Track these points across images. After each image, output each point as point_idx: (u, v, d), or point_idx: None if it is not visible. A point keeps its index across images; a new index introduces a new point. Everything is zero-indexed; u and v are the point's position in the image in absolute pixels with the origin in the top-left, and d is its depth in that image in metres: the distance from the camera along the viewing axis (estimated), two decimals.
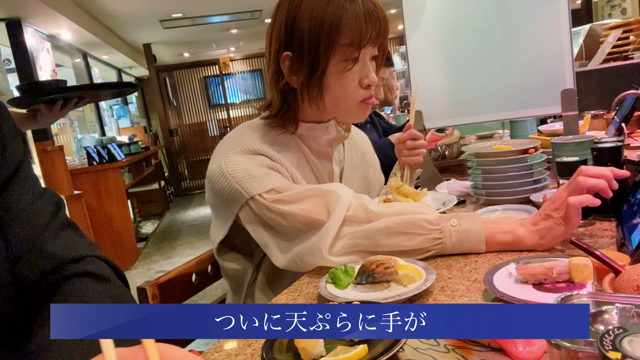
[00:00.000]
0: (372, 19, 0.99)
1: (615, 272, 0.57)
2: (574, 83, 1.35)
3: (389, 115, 4.27)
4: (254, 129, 1.08)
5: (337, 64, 1.01)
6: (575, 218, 0.82)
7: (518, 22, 1.41)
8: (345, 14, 0.97)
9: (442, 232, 0.90)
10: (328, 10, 0.96)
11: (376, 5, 1.00)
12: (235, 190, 0.96)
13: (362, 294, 0.78)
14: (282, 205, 0.94)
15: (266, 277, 1.09)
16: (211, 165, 1.03)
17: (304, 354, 0.59)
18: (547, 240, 0.86)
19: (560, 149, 1.15)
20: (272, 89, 1.08)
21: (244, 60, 10.37)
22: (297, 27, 0.99)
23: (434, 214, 0.93)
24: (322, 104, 1.05)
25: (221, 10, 6.70)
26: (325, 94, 1.04)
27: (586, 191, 0.82)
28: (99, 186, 4.75)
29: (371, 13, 0.99)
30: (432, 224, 0.91)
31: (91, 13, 5.88)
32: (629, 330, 0.35)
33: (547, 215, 0.87)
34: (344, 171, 1.22)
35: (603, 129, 1.94)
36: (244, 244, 1.08)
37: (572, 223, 0.83)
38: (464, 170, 1.72)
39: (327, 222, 0.92)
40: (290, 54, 1.01)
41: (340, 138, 1.17)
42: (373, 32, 1.00)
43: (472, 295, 0.75)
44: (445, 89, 1.54)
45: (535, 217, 0.89)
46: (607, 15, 5.06)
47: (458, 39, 1.50)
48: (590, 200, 0.81)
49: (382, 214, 0.93)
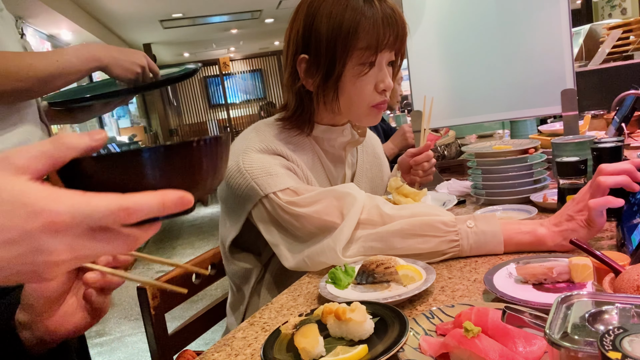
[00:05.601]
0: (390, 23, 0.98)
1: (615, 272, 0.57)
2: (574, 83, 1.35)
3: (390, 115, 4.27)
4: (271, 127, 1.08)
5: (353, 67, 1.01)
6: (599, 220, 0.81)
7: (518, 22, 1.41)
8: (363, 18, 0.97)
9: (459, 234, 0.89)
10: (346, 14, 0.96)
11: (394, 11, 1.00)
12: (251, 187, 0.96)
13: (362, 294, 0.78)
14: (296, 208, 0.94)
15: (273, 277, 1.09)
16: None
17: (304, 354, 0.59)
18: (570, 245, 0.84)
19: (560, 149, 1.15)
20: (288, 91, 1.08)
21: (244, 60, 10.38)
22: (315, 30, 0.99)
23: (450, 216, 0.91)
24: (337, 107, 1.05)
25: (221, 10, 6.70)
26: (341, 97, 1.04)
27: (608, 191, 0.80)
28: None
29: (389, 18, 0.98)
30: (448, 226, 0.89)
31: (91, 13, 5.88)
32: (629, 330, 0.35)
33: (570, 216, 0.85)
34: (355, 174, 1.22)
35: (603, 129, 1.94)
36: (252, 242, 1.08)
37: (596, 225, 0.82)
38: (464, 170, 1.72)
39: (340, 224, 0.92)
40: (307, 57, 1.01)
41: (355, 142, 1.17)
42: (390, 36, 0.99)
43: (472, 295, 0.75)
44: (445, 89, 1.54)
45: (557, 217, 0.87)
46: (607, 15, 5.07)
47: (458, 39, 1.50)
48: (612, 201, 0.79)
49: (397, 216, 0.92)
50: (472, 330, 0.54)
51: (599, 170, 0.82)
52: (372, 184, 1.28)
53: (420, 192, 1.14)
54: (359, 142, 1.19)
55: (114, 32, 7.17)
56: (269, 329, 0.74)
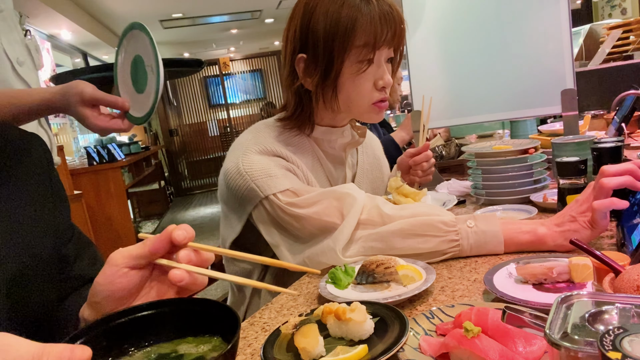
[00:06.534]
0: (388, 20, 0.98)
1: (615, 272, 0.57)
2: (574, 83, 1.35)
3: (390, 115, 4.28)
4: (271, 128, 1.08)
5: (351, 65, 1.00)
6: (603, 222, 0.81)
7: (518, 22, 1.41)
8: (360, 15, 0.96)
9: (459, 234, 0.89)
10: (343, 11, 0.96)
11: (392, 7, 1.00)
12: (251, 189, 0.96)
13: (362, 294, 0.78)
14: (296, 209, 0.94)
15: (274, 277, 1.09)
16: (227, 162, 1.03)
17: (304, 354, 0.59)
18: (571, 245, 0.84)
19: (560, 149, 1.15)
20: (287, 91, 1.08)
21: (244, 60, 10.37)
22: (312, 29, 0.99)
23: (450, 216, 0.91)
24: (337, 106, 1.05)
25: (221, 10, 6.70)
26: (340, 96, 1.04)
27: (611, 192, 0.80)
28: (99, 186, 4.75)
29: (387, 15, 0.98)
30: (448, 226, 0.89)
31: (91, 13, 5.88)
32: (629, 330, 0.35)
33: (573, 217, 0.84)
34: (356, 175, 1.22)
35: (603, 129, 1.94)
36: (253, 243, 1.08)
37: (599, 227, 0.82)
38: (464, 170, 1.72)
39: (340, 225, 0.92)
40: (305, 56, 1.01)
41: (355, 143, 1.17)
42: (388, 33, 0.99)
43: (472, 296, 0.75)
44: (445, 88, 1.54)
45: (560, 217, 0.87)
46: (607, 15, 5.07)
47: (458, 39, 1.50)
48: (617, 202, 0.79)
49: (396, 217, 0.92)
50: (472, 330, 0.54)
51: (602, 172, 0.82)
52: (373, 185, 1.28)
53: (420, 192, 1.14)
54: (359, 143, 1.19)
55: (114, 32, 7.16)
56: (269, 329, 0.74)
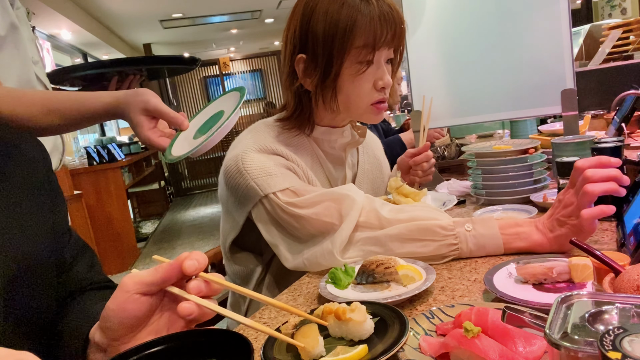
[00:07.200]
0: (387, 21, 0.98)
1: (615, 272, 0.57)
2: (574, 83, 1.35)
3: (390, 115, 4.28)
4: (271, 128, 1.08)
5: (351, 66, 1.00)
6: (591, 227, 0.80)
7: (518, 22, 1.41)
8: (360, 16, 0.96)
9: (458, 238, 0.88)
10: (342, 12, 0.96)
11: (392, 8, 1.00)
12: (250, 188, 0.96)
13: (362, 294, 0.78)
14: (296, 209, 0.94)
15: (274, 277, 1.09)
16: (227, 161, 1.02)
17: (304, 354, 0.59)
18: (567, 247, 0.84)
19: (560, 149, 1.15)
20: (287, 91, 1.08)
21: (244, 60, 10.37)
22: (312, 29, 0.98)
23: (448, 219, 0.91)
24: (336, 106, 1.05)
25: (221, 10, 6.70)
26: (339, 96, 1.03)
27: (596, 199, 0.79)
28: (99, 186, 4.75)
29: (386, 15, 0.98)
30: (446, 230, 0.89)
31: (91, 13, 5.88)
32: (629, 330, 0.35)
33: (561, 221, 0.83)
34: (357, 175, 1.22)
35: (603, 129, 1.94)
36: (253, 242, 1.08)
37: (588, 232, 0.81)
38: (464, 170, 1.72)
39: (340, 226, 0.92)
40: (305, 57, 1.01)
41: (355, 143, 1.17)
42: (388, 34, 0.99)
43: (472, 296, 0.75)
44: (445, 88, 1.54)
45: (550, 221, 0.85)
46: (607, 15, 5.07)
47: (458, 39, 1.50)
48: (605, 210, 0.78)
49: (394, 220, 0.92)
50: (472, 330, 0.54)
51: (584, 177, 0.79)
52: (373, 185, 1.28)
53: (420, 192, 1.14)
54: (359, 143, 1.19)
55: (114, 32, 7.17)
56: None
